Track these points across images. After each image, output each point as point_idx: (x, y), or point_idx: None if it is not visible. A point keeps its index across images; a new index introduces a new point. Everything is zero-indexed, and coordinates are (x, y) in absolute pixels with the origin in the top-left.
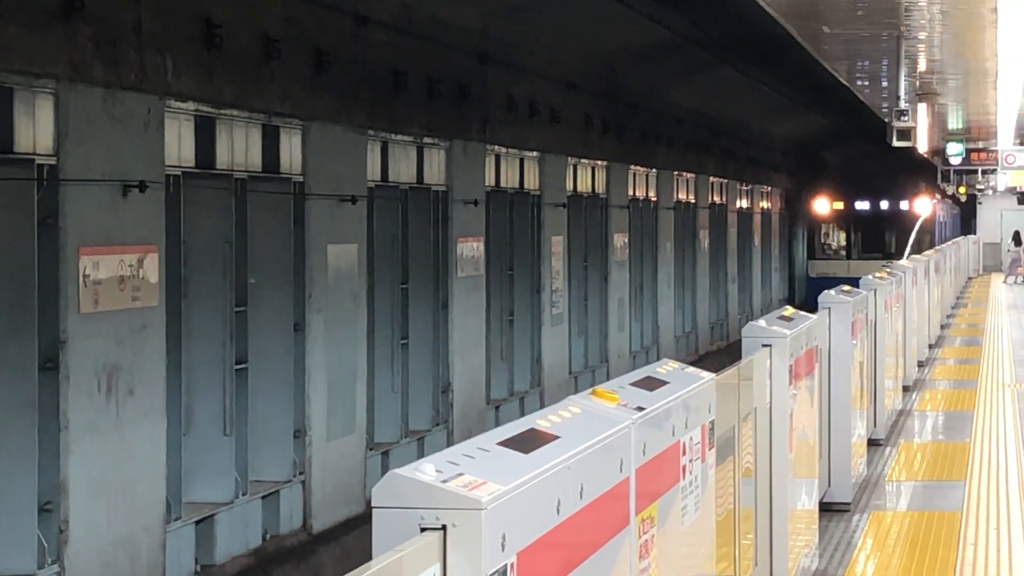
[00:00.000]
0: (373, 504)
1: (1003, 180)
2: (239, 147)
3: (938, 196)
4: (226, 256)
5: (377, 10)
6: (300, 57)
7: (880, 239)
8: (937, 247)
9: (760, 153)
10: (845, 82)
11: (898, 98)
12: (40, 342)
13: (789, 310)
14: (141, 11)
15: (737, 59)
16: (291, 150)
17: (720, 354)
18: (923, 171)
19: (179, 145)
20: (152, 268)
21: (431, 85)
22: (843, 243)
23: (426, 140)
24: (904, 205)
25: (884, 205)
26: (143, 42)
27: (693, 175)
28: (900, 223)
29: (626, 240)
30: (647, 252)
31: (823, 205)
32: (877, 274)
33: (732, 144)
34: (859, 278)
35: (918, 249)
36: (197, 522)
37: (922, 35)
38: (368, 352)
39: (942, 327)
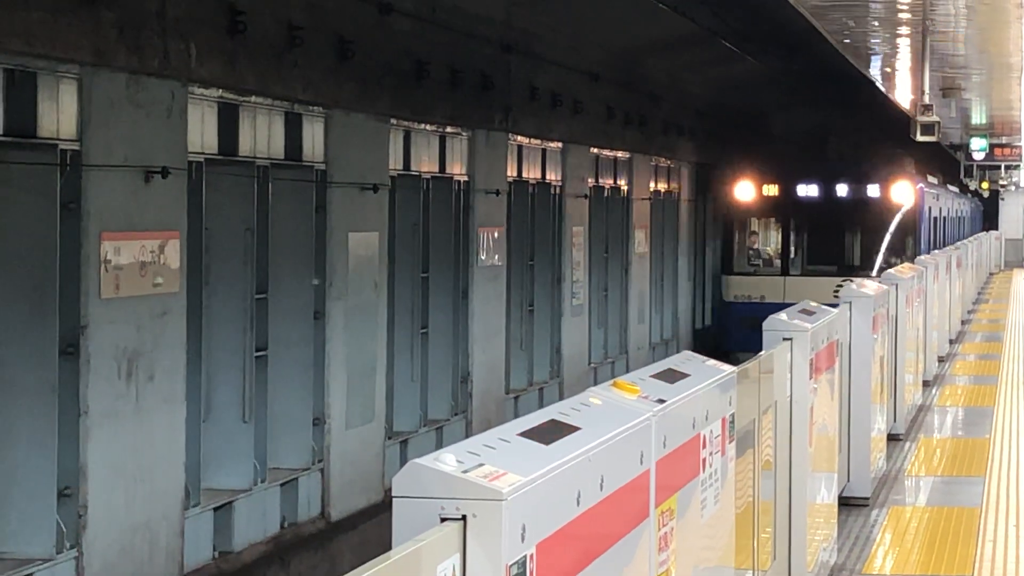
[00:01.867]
0: (394, 493)
1: None
2: (261, 134)
3: (929, 180)
4: (247, 243)
5: None
6: (323, 45)
7: (835, 244)
8: (929, 254)
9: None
10: (869, 76)
11: (923, 93)
12: (60, 327)
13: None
14: None
15: (759, 51)
16: (313, 138)
17: None
18: (902, 138)
19: (202, 132)
20: (174, 254)
21: (453, 74)
22: (777, 250)
23: (448, 129)
24: (873, 191)
25: (842, 191)
26: (167, 28)
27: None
28: (867, 219)
29: (647, 232)
30: (668, 245)
31: (746, 191)
32: (836, 295)
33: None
34: (800, 304)
35: (892, 259)
36: (215, 509)
37: (946, 30)
38: (388, 341)
39: (963, 323)
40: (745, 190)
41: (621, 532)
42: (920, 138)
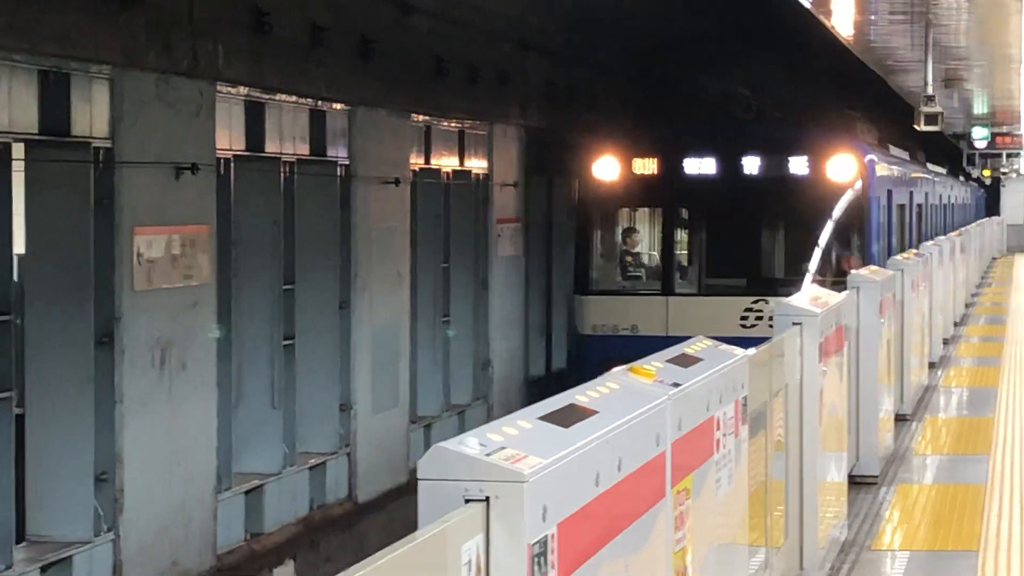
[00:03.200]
0: (419, 476)
1: None
2: (287, 131)
3: (892, 152)
4: (274, 236)
5: None
6: (346, 44)
7: (743, 247)
8: (898, 256)
9: None
10: (874, 68)
11: (926, 84)
12: (96, 318)
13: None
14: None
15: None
16: (337, 134)
17: None
18: (849, 89)
19: (230, 129)
20: (204, 247)
21: (472, 71)
22: (656, 258)
23: (467, 124)
24: (798, 166)
25: (753, 166)
26: (195, 29)
27: None
28: (792, 210)
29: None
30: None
31: (607, 168)
32: (744, 323)
33: None
34: (690, 340)
35: (832, 267)
36: (247, 492)
37: (949, 23)
38: (411, 329)
39: (967, 306)
40: (606, 167)
41: (639, 511)
42: (924, 128)
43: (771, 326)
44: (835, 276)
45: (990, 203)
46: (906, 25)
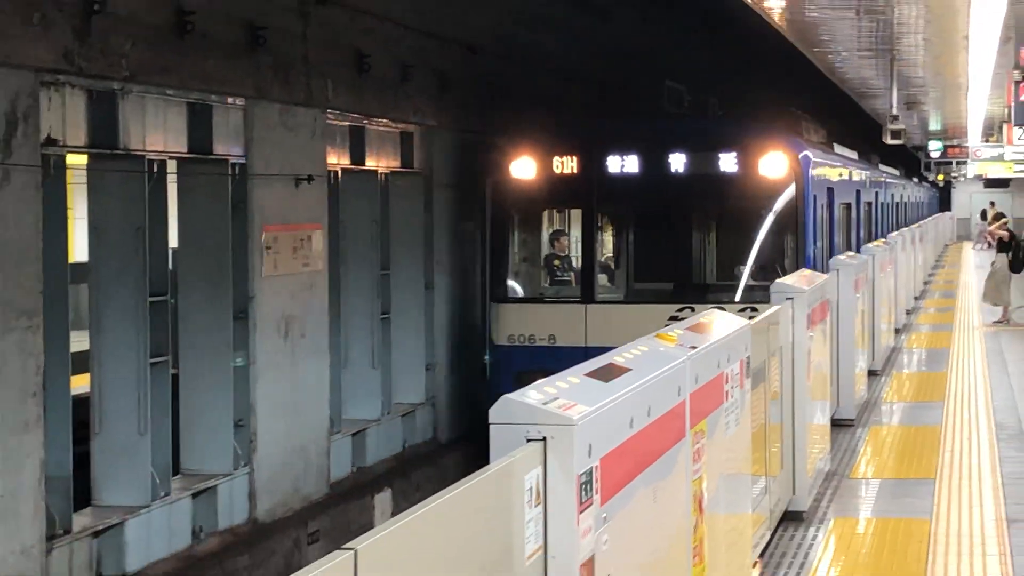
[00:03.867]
0: (491, 421)
1: (972, 169)
2: (382, 150)
3: (836, 150)
4: (373, 232)
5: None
6: (427, 79)
7: (669, 251)
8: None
9: None
10: (849, 93)
11: (891, 106)
12: (234, 298)
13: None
14: (308, 46)
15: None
16: (421, 151)
17: None
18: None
19: (337, 147)
20: (318, 241)
21: (531, 99)
22: (575, 263)
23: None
24: (728, 163)
25: (679, 164)
26: (310, 69)
27: None
28: (724, 210)
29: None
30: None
31: (524, 167)
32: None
33: None
34: (613, 351)
35: (766, 272)
36: (353, 435)
37: (907, 56)
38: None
39: (924, 283)
40: (523, 167)
41: (664, 448)
42: (890, 141)
43: None
44: (769, 280)
45: (943, 201)
46: (873, 59)
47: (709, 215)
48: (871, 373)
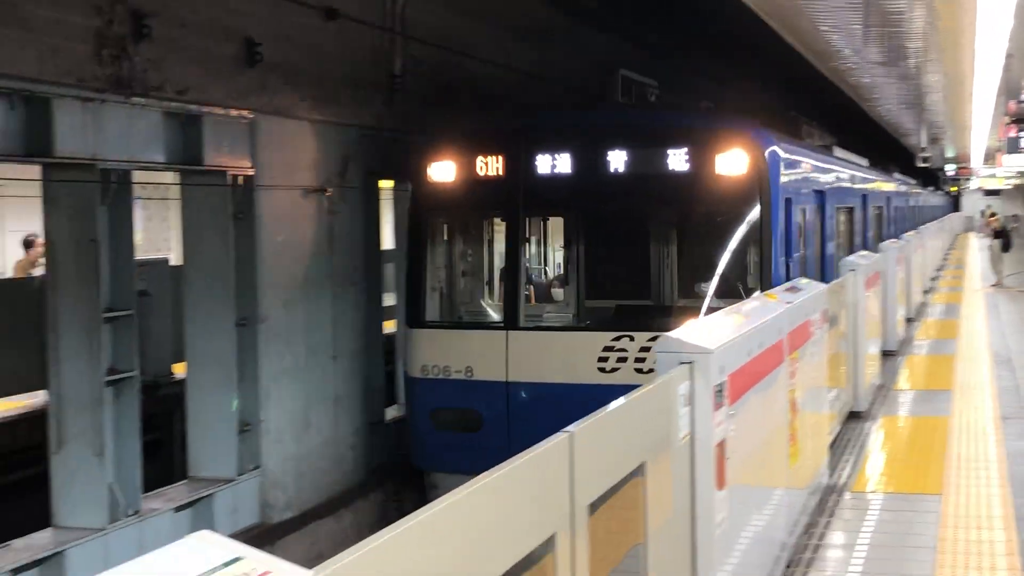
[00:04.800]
0: (656, 350)
1: (975, 183)
2: None
3: (825, 148)
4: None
5: None
6: (468, 97)
7: (609, 267)
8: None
9: None
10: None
11: (920, 141)
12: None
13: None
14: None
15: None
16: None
17: None
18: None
19: None
20: None
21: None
22: (496, 284)
23: None
24: (677, 161)
25: (619, 162)
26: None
27: None
28: (676, 217)
29: None
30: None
31: (446, 171)
32: (604, 366)
33: None
34: (738, 303)
35: (718, 289)
36: None
37: (931, 107)
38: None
39: (943, 259)
40: (444, 170)
41: (770, 369)
42: (920, 165)
43: (640, 371)
44: (725, 302)
45: (955, 205)
46: (908, 110)
47: (656, 224)
48: (908, 320)
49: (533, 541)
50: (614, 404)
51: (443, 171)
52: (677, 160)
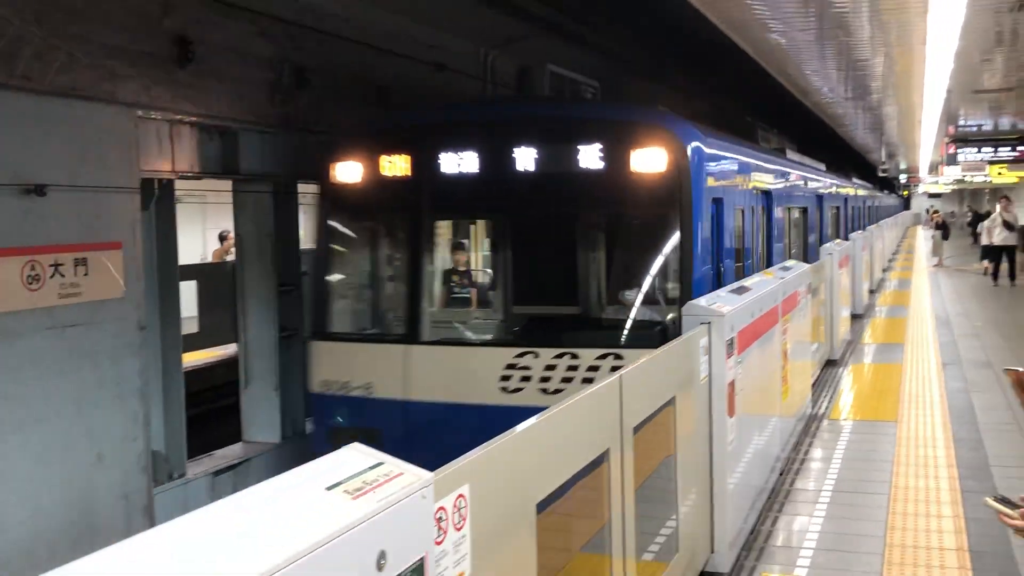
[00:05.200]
0: (683, 313)
1: (922, 188)
2: None
3: (759, 144)
4: None
5: None
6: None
7: (514, 280)
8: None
9: None
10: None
11: (880, 157)
12: None
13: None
14: None
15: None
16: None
17: None
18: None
19: None
20: None
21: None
22: (396, 293)
23: None
24: (589, 158)
25: (527, 161)
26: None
27: None
28: (583, 226)
29: None
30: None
31: (352, 171)
32: (507, 386)
33: None
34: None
35: (629, 301)
36: None
37: (889, 131)
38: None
39: (897, 246)
40: (349, 170)
41: (768, 328)
42: (880, 175)
43: (545, 391)
44: (647, 316)
45: (907, 205)
46: (871, 132)
47: (565, 228)
48: (871, 291)
49: (594, 453)
50: (655, 352)
51: (348, 171)
52: (589, 156)
